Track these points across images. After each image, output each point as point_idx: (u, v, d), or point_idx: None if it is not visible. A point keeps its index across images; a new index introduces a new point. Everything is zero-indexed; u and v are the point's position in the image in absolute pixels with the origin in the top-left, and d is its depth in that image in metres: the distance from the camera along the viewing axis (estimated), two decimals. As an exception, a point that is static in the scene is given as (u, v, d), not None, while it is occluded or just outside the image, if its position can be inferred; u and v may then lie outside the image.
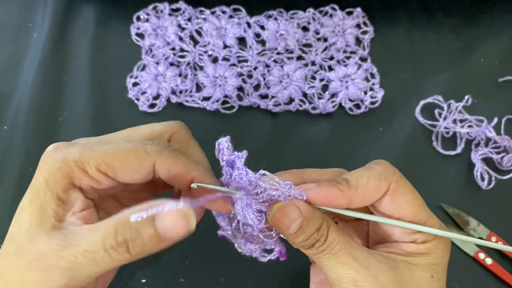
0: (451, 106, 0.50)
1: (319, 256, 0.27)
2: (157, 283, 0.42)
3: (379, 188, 0.27)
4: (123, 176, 0.28)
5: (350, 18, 0.55)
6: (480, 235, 0.44)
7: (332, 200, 0.27)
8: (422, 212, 0.28)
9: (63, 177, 0.27)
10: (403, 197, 0.28)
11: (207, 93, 0.50)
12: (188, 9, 0.55)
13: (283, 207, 0.26)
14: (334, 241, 0.26)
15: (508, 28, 0.56)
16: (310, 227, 0.26)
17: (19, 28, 0.55)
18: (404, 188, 0.28)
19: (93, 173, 0.27)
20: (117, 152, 0.27)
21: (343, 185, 0.27)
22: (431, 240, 0.28)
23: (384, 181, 0.27)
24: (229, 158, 0.28)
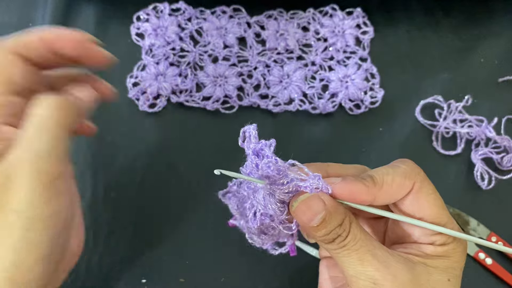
0: (451, 106, 0.50)
1: (339, 251, 0.27)
2: (157, 283, 0.42)
3: (404, 187, 0.27)
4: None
5: (350, 18, 0.55)
6: (480, 235, 0.44)
7: (356, 196, 0.27)
8: (443, 214, 0.28)
9: None
10: (426, 197, 0.27)
11: (207, 93, 0.50)
12: (188, 9, 0.55)
13: (307, 199, 0.26)
14: (355, 237, 0.26)
15: (508, 28, 0.56)
16: (333, 221, 0.26)
17: (19, 28, 0.54)
18: (427, 188, 0.28)
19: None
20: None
21: (368, 181, 0.27)
22: (450, 243, 0.27)
23: (409, 180, 0.27)
24: (256, 146, 0.27)
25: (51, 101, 0.27)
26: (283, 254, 0.43)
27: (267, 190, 0.27)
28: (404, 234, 0.29)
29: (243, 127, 0.49)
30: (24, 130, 0.27)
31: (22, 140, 0.26)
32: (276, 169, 0.26)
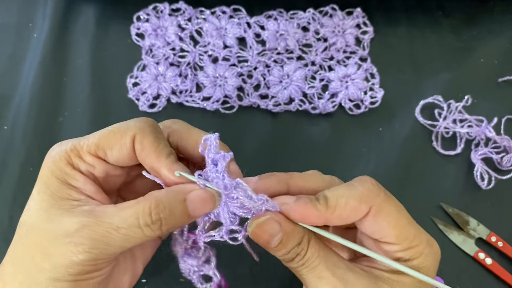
0: (451, 106, 0.50)
1: (299, 269, 0.27)
2: (157, 283, 0.42)
3: (358, 211, 0.27)
4: (111, 155, 0.29)
5: (350, 18, 0.55)
6: (480, 235, 0.44)
7: (307, 219, 0.27)
8: (408, 232, 0.27)
9: (65, 165, 0.28)
10: (385, 219, 0.27)
11: (207, 93, 0.50)
12: (188, 9, 0.55)
13: (262, 223, 0.27)
14: (313, 255, 0.27)
15: (508, 28, 0.56)
16: (290, 241, 0.26)
17: (19, 28, 0.55)
18: (387, 210, 0.27)
19: (87, 158, 0.29)
20: (103, 132, 0.29)
21: (321, 204, 0.27)
22: (417, 257, 0.27)
23: (364, 204, 0.27)
24: (215, 157, 0.28)
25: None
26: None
27: (223, 199, 0.28)
28: (372, 247, 0.29)
29: (243, 127, 0.50)
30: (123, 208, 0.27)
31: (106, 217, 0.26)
32: (223, 185, 0.27)
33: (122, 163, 0.30)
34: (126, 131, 0.29)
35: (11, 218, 0.44)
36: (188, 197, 0.27)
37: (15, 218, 0.44)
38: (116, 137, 0.29)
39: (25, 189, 0.45)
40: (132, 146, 0.29)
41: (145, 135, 0.29)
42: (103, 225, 0.26)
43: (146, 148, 0.28)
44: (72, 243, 0.26)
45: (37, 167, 0.46)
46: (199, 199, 0.27)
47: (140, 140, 0.28)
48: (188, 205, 0.27)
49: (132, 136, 0.28)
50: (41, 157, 0.48)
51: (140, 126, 0.29)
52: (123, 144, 0.29)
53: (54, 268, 0.26)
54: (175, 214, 0.27)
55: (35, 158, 0.47)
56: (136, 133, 0.28)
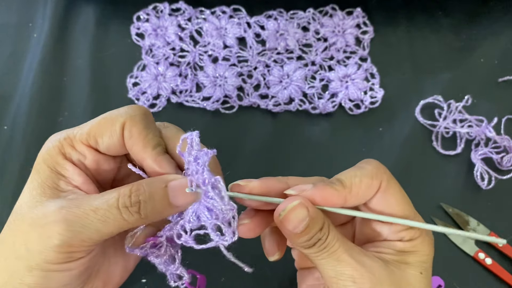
0: (451, 106, 0.50)
1: (318, 254, 0.27)
2: (157, 283, 0.42)
3: (371, 187, 0.28)
4: (101, 143, 0.29)
5: (350, 18, 0.55)
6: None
7: (329, 200, 0.27)
8: (410, 210, 0.29)
9: (57, 154, 0.29)
10: (393, 195, 0.28)
11: (207, 93, 0.50)
12: (188, 9, 0.55)
13: (294, 208, 0.27)
14: (333, 239, 0.27)
15: (508, 28, 0.56)
16: (315, 226, 0.27)
17: (19, 28, 0.55)
18: (394, 187, 0.29)
19: (79, 147, 0.29)
20: (95, 120, 0.29)
21: (338, 185, 0.27)
22: (417, 237, 0.28)
23: (376, 180, 0.28)
24: (198, 154, 0.28)
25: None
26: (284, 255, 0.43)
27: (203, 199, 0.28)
28: (374, 234, 0.30)
29: (243, 127, 0.50)
30: (98, 197, 0.27)
31: (86, 201, 0.26)
32: (202, 180, 0.27)
33: (113, 151, 0.30)
34: (116, 118, 0.29)
35: (11, 218, 0.44)
36: (170, 185, 0.27)
37: (15, 218, 0.44)
38: (107, 124, 0.29)
39: (25, 189, 0.45)
40: (122, 133, 0.29)
41: (134, 122, 0.28)
42: (81, 207, 0.26)
43: (133, 136, 0.28)
44: (48, 225, 0.25)
45: (37, 167, 0.46)
46: (180, 187, 0.27)
47: (129, 127, 0.28)
48: (169, 192, 0.27)
49: (122, 123, 0.28)
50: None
51: (130, 113, 0.29)
52: (113, 131, 0.29)
53: (30, 255, 0.25)
54: (154, 198, 0.27)
55: (35, 158, 0.47)
56: (126, 120, 0.28)
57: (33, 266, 0.25)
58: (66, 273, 0.26)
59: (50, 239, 0.25)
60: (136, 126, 0.28)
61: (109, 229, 0.26)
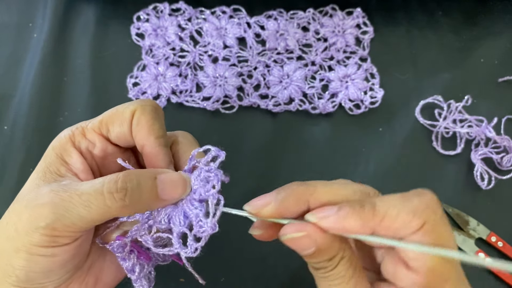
0: (451, 106, 0.50)
1: (319, 276, 0.26)
2: (157, 283, 0.42)
3: (409, 226, 0.23)
4: (112, 131, 0.30)
5: (350, 18, 0.55)
6: (480, 235, 0.44)
7: (349, 230, 0.24)
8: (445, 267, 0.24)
9: (66, 142, 0.30)
10: (434, 241, 0.23)
11: (207, 93, 0.50)
12: (188, 9, 0.55)
13: (296, 239, 0.25)
14: (339, 274, 0.25)
15: (508, 28, 0.56)
16: (323, 256, 0.25)
17: (19, 28, 0.55)
18: (441, 231, 0.24)
19: (90, 135, 0.30)
20: (108, 111, 0.31)
21: (366, 211, 0.24)
22: None
23: (418, 219, 0.23)
24: (214, 170, 0.28)
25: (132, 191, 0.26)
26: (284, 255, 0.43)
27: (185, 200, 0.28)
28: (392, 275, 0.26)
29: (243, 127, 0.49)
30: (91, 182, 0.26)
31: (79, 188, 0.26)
32: (204, 191, 0.27)
33: (123, 140, 0.30)
34: (128, 106, 0.30)
35: (11, 218, 0.44)
36: (159, 177, 0.27)
37: (15, 218, 0.44)
38: (118, 112, 0.30)
39: (25, 189, 0.45)
40: (131, 121, 0.29)
41: (143, 111, 0.29)
42: (69, 190, 0.26)
43: (140, 123, 0.29)
44: (36, 207, 0.25)
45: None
46: (170, 181, 0.27)
47: (138, 115, 0.29)
48: (158, 184, 0.26)
49: (132, 111, 0.29)
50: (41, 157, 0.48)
51: (141, 103, 0.30)
52: (124, 119, 0.29)
53: (18, 236, 0.25)
54: (142, 188, 0.26)
55: (35, 158, 0.46)
56: (137, 108, 0.29)
57: (20, 248, 0.25)
58: (50, 259, 0.26)
59: (37, 221, 0.25)
60: (144, 115, 0.29)
61: (91, 215, 0.25)
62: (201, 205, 0.27)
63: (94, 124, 0.30)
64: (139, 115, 0.29)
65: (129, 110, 0.29)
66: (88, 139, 0.30)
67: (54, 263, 0.26)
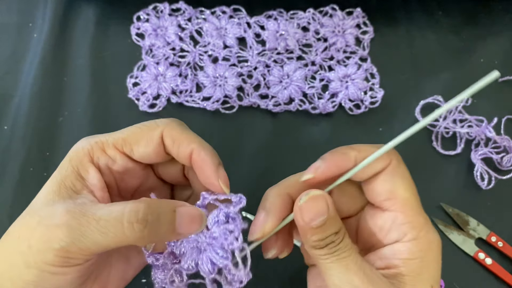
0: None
1: (327, 257, 0.27)
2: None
3: (381, 159, 0.28)
4: (137, 150, 0.29)
5: (350, 18, 0.55)
6: (480, 235, 0.44)
7: (340, 164, 0.28)
8: (413, 203, 0.28)
9: (84, 155, 0.29)
10: (400, 179, 0.28)
11: (207, 93, 0.50)
12: (188, 9, 0.55)
13: (316, 197, 0.27)
14: (346, 246, 0.27)
15: (508, 28, 0.56)
16: (331, 227, 0.27)
17: (19, 28, 0.55)
18: (403, 171, 0.28)
19: (111, 151, 0.29)
20: (131, 129, 0.30)
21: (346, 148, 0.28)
22: (421, 237, 0.27)
23: (387, 155, 0.28)
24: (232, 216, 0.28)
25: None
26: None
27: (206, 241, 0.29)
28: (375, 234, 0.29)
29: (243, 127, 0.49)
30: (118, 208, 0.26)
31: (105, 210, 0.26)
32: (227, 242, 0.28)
33: (148, 159, 0.30)
34: (154, 127, 0.30)
35: (11, 218, 0.44)
36: (178, 210, 0.27)
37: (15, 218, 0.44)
38: (144, 132, 0.29)
39: (25, 189, 0.45)
40: (160, 141, 0.29)
41: (172, 128, 0.29)
42: (86, 214, 0.25)
43: (176, 139, 0.29)
44: (51, 227, 0.25)
45: (37, 167, 0.46)
46: (188, 215, 0.27)
47: (169, 133, 0.29)
48: (177, 218, 0.27)
49: (161, 131, 0.29)
50: (41, 157, 0.48)
51: (167, 122, 0.30)
52: (151, 139, 0.29)
53: (31, 252, 0.25)
54: (161, 221, 0.26)
55: (35, 158, 0.47)
56: (164, 128, 0.29)
57: (31, 264, 0.25)
58: (61, 277, 0.26)
59: (51, 242, 0.25)
60: (175, 130, 0.29)
61: (107, 242, 0.25)
62: (226, 253, 0.27)
63: (116, 140, 0.29)
64: (169, 133, 0.29)
65: (157, 131, 0.29)
66: (109, 155, 0.29)
67: (65, 281, 0.26)
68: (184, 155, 0.29)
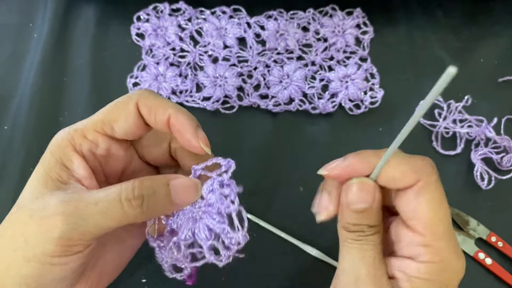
0: (451, 106, 0.50)
1: (351, 241, 0.27)
2: (157, 282, 0.42)
3: (406, 177, 0.26)
4: (118, 127, 0.29)
5: (350, 18, 0.55)
6: (480, 235, 0.44)
7: (357, 171, 0.27)
8: (440, 227, 0.26)
9: (65, 145, 0.29)
10: (427, 200, 0.26)
11: (207, 93, 0.50)
12: (188, 9, 0.55)
13: (367, 184, 0.26)
14: (373, 241, 0.27)
15: (508, 28, 0.56)
16: (368, 218, 0.27)
17: (19, 28, 0.55)
18: (433, 192, 0.26)
19: (91, 135, 0.29)
20: (106, 108, 0.30)
21: (371, 154, 0.27)
22: (435, 262, 0.25)
23: (414, 173, 0.26)
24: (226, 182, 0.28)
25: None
26: (285, 254, 0.43)
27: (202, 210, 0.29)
28: (394, 243, 0.28)
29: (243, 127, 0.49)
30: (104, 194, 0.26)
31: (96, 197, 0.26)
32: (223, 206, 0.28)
33: (130, 134, 0.30)
34: (128, 100, 0.29)
35: (11, 218, 0.44)
36: (172, 182, 0.27)
37: (15, 218, 0.44)
38: (120, 108, 0.29)
39: (25, 189, 0.45)
40: (137, 112, 0.29)
41: (146, 96, 0.29)
42: (82, 200, 0.26)
43: (152, 107, 0.29)
44: (47, 218, 0.25)
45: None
46: (182, 186, 0.28)
47: (144, 102, 0.29)
48: (171, 190, 0.27)
49: (135, 103, 0.29)
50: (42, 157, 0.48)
51: (139, 92, 0.29)
52: (128, 112, 0.29)
53: (28, 247, 0.25)
54: (157, 194, 0.27)
55: (35, 158, 0.46)
56: (138, 99, 0.29)
57: (31, 258, 0.25)
58: (63, 267, 0.26)
59: (50, 232, 0.25)
60: (149, 99, 0.29)
61: (108, 223, 0.26)
62: (222, 218, 0.28)
63: (94, 123, 0.29)
64: (144, 102, 0.29)
65: (131, 103, 0.29)
66: (90, 140, 0.29)
67: (66, 271, 0.27)
68: (162, 121, 0.29)
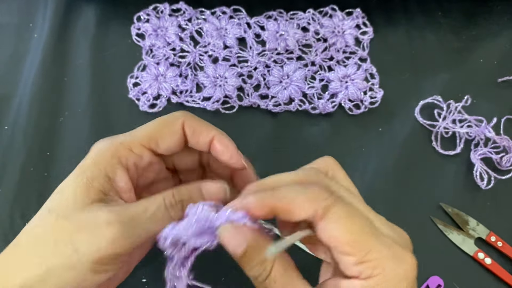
0: (451, 106, 0.50)
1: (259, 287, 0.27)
2: (158, 282, 0.42)
3: (304, 209, 0.25)
4: (162, 144, 0.31)
5: (350, 19, 0.55)
6: (479, 235, 0.44)
7: (251, 209, 0.26)
8: (364, 241, 0.24)
9: (111, 157, 0.30)
10: (335, 222, 0.25)
11: (207, 93, 0.50)
12: (189, 10, 0.56)
13: (229, 233, 0.27)
14: (275, 280, 0.26)
15: (508, 28, 0.56)
16: (254, 256, 0.26)
17: (19, 28, 0.55)
18: (337, 214, 0.25)
19: (138, 150, 0.31)
20: (153, 125, 0.32)
21: (268, 194, 0.26)
22: (378, 274, 0.24)
23: (309, 204, 0.25)
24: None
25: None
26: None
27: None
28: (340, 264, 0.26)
29: (243, 127, 0.49)
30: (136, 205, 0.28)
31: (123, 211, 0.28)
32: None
33: (172, 150, 0.32)
34: (174, 120, 0.32)
35: (11, 218, 0.44)
36: (202, 185, 0.30)
37: (16, 218, 0.44)
38: (167, 126, 0.31)
39: (26, 190, 0.45)
40: (182, 132, 0.31)
41: (192, 119, 0.32)
42: (129, 210, 0.27)
43: (196, 129, 0.31)
44: (100, 229, 0.26)
45: (37, 167, 0.46)
46: (212, 188, 0.30)
47: (189, 124, 0.31)
48: (204, 194, 0.30)
49: (181, 123, 0.31)
50: (42, 157, 0.48)
51: (183, 113, 0.32)
52: (175, 131, 0.31)
53: (77, 255, 0.26)
54: (193, 199, 0.29)
55: (36, 158, 0.47)
56: (184, 120, 0.31)
57: (77, 266, 0.26)
58: (102, 274, 0.27)
59: (103, 242, 0.26)
60: (194, 122, 0.32)
61: (156, 227, 0.27)
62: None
63: (142, 137, 0.31)
64: (190, 123, 0.31)
65: (178, 122, 0.31)
66: (136, 154, 0.31)
67: (105, 277, 0.28)
68: (205, 142, 0.32)
